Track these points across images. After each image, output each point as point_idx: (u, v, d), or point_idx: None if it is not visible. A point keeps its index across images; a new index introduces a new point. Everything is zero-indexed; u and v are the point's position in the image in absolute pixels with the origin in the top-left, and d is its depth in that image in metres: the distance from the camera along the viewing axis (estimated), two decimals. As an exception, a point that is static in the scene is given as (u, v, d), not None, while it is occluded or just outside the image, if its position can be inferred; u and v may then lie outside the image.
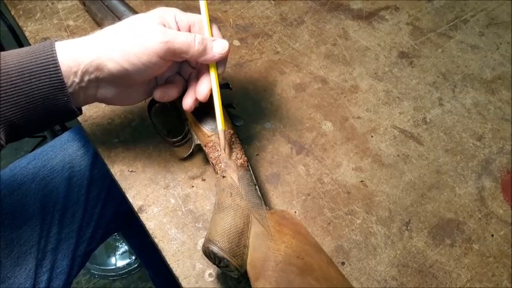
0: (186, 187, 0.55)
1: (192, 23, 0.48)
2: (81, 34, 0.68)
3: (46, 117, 0.44)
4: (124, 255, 1.38)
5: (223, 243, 0.43)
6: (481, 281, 0.50)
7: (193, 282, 0.48)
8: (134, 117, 0.60)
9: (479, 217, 0.55)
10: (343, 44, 0.72)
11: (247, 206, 0.46)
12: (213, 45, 0.47)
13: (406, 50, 0.72)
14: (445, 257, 0.52)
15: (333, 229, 0.53)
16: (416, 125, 0.63)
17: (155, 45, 0.43)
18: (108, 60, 0.43)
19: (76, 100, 0.45)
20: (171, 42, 0.44)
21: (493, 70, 0.70)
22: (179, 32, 0.45)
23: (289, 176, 0.57)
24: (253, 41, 0.71)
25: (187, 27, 0.48)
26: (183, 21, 0.48)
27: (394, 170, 0.58)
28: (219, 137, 0.49)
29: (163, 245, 0.50)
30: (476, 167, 0.59)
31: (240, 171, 0.49)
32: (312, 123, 0.62)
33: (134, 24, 0.45)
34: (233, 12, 0.75)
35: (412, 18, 0.76)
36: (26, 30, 0.69)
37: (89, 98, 0.47)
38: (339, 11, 0.76)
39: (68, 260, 0.65)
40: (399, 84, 0.67)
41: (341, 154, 0.59)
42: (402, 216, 0.54)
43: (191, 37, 0.45)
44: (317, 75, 0.67)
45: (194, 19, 0.48)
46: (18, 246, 0.60)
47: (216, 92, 0.49)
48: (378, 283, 0.50)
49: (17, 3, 0.72)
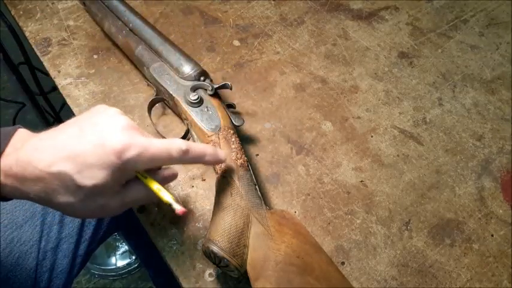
0: (186, 187, 0.55)
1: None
2: (81, 34, 0.69)
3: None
4: (124, 255, 1.37)
5: (223, 243, 0.43)
6: (480, 281, 0.50)
7: (193, 282, 0.48)
8: (135, 117, 0.61)
9: (479, 217, 0.55)
10: (343, 44, 0.72)
11: (247, 205, 0.46)
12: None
13: (406, 50, 0.72)
14: (445, 256, 0.52)
15: (332, 229, 0.53)
16: (416, 125, 0.63)
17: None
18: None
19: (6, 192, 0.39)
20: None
21: (492, 70, 0.70)
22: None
23: (289, 176, 0.57)
24: (253, 41, 0.71)
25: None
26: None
27: (394, 170, 0.58)
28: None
29: (163, 245, 0.50)
30: (476, 167, 0.59)
31: (240, 171, 0.49)
32: (312, 123, 0.62)
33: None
34: (233, 12, 0.75)
35: (412, 19, 0.76)
36: (26, 30, 0.69)
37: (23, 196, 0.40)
38: (339, 11, 0.76)
39: (68, 259, 0.65)
40: (399, 84, 0.67)
41: (341, 154, 0.59)
42: (402, 216, 0.55)
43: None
44: (317, 75, 0.67)
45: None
46: (19, 245, 0.60)
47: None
48: (377, 283, 0.50)
49: (17, 3, 0.72)
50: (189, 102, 0.54)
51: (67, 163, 0.37)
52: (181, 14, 0.74)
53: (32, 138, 0.39)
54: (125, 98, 0.62)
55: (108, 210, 0.41)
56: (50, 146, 0.38)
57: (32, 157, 0.37)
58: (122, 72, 0.65)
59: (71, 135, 0.39)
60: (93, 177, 0.37)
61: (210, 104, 0.54)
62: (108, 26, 0.64)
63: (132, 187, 0.41)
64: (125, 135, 0.38)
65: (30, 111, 1.06)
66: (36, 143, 0.38)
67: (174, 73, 0.57)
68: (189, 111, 0.54)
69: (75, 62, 0.66)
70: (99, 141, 0.38)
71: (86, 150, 0.37)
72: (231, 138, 0.51)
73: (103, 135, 0.38)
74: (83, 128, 0.39)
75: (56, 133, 0.39)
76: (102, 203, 0.39)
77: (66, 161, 0.37)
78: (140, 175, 0.42)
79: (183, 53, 0.58)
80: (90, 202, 0.39)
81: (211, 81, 0.57)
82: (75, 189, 0.37)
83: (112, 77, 0.65)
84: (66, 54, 0.66)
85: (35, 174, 0.37)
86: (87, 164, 0.37)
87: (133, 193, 0.41)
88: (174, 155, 0.41)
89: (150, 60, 0.59)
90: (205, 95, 0.55)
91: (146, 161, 0.39)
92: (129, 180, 0.41)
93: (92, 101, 0.62)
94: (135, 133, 0.40)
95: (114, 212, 0.42)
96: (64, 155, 0.37)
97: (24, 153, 0.37)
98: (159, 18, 0.73)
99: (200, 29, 0.72)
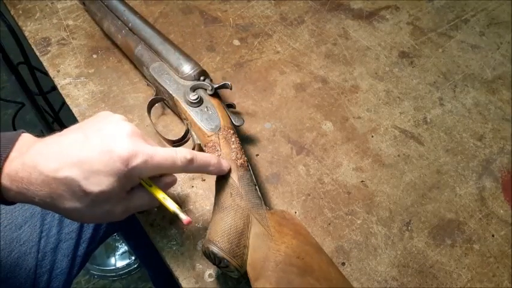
0: (186, 187, 0.55)
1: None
2: (81, 34, 0.68)
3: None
4: (124, 255, 1.37)
5: (223, 243, 0.43)
6: (481, 281, 0.50)
7: (193, 283, 0.48)
8: (134, 117, 0.60)
9: (479, 217, 0.55)
10: (344, 44, 0.72)
11: (247, 206, 0.46)
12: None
13: (406, 50, 0.71)
14: (445, 257, 0.52)
15: (333, 229, 0.53)
16: (416, 125, 0.63)
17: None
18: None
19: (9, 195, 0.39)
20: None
21: (493, 70, 0.70)
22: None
23: (289, 176, 0.57)
24: (253, 40, 0.71)
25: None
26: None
27: (394, 170, 0.58)
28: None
29: (163, 245, 0.50)
30: (476, 167, 0.59)
31: (240, 171, 0.48)
32: (312, 123, 0.62)
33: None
34: (233, 11, 0.75)
35: (412, 18, 0.76)
36: (25, 30, 0.68)
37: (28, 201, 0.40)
38: (339, 10, 0.76)
39: (68, 260, 0.65)
40: (400, 84, 0.67)
41: (341, 154, 0.59)
42: (403, 216, 0.54)
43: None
44: (317, 75, 0.67)
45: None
46: (18, 246, 0.60)
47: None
48: (378, 283, 0.49)
49: (16, 3, 0.72)
50: (189, 102, 0.54)
51: (74, 169, 0.37)
52: (181, 13, 0.74)
53: (37, 143, 0.39)
54: (125, 98, 0.62)
55: (112, 216, 0.41)
56: (56, 151, 0.38)
57: (38, 162, 0.37)
58: (121, 72, 0.65)
59: (76, 141, 0.39)
60: (100, 183, 0.37)
61: (209, 104, 0.54)
62: (108, 26, 0.63)
63: (136, 194, 0.42)
64: (131, 142, 0.39)
65: (29, 111, 1.06)
66: (41, 148, 0.38)
67: (173, 73, 0.57)
68: (188, 111, 0.53)
69: (75, 61, 0.65)
70: (106, 148, 0.38)
71: (92, 157, 0.38)
72: (231, 138, 0.51)
73: (109, 142, 0.38)
74: (88, 134, 0.39)
75: (61, 138, 0.40)
76: (108, 209, 0.40)
77: (72, 167, 0.37)
78: (145, 183, 0.42)
79: (182, 52, 0.58)
80: (96, 208, 0.39)
81: (211, 81, 0.57)
82: (81, 195, 0.38)
83: (111, 77, 0.64)
84: (66, 54, 0.66)
85: (41, 179, 0.37)
86: (93, 170, 0.37)
87: (137, 200, 0.42)
88: (178, 164, 0.41)
89: (149, 60, 0.58)
90: (205, 94, 0.55)
91: (152, 168, 0.40)
92: (133, 187, 0.42)
93: (92, 101, 0.61)
94: (140, 140, 0.40)
95: (117, 218, 0.42)
96: (70, 161, 0.37)
97: (30, 158, 0.38)
98: (158, 18, 0.72)
99: (200, 28, 0.72)
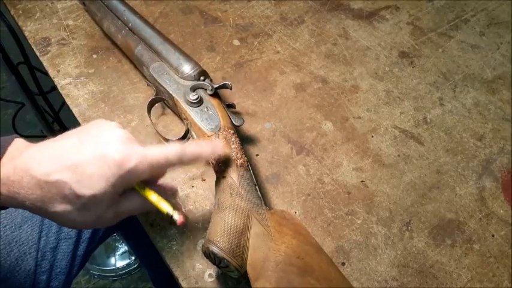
0: (186, 187, 0.55)
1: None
2: (81, 34, 0.68)
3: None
4: (124, 255, 1.37)
5: (223, 243, 0.43)
6: (481, 281, 0.50)
7: (193, 283, 0.48)
8: (134, 117, 0.60)
9: (479, 217, 0.55)
10: (344, 44, 0.72)
11: (247, 206, 0.46)
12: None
13: (406, 50, 0.71)
14: (445, 257, 0.52)
15: (333, 229, 0.53)
16: (416, 125, 0.63)
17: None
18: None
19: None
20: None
21: (493, 70, 0.70)
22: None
23: (289, 176, 0.57)
24: (253, 40, 0.71)
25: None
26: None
27: (394, 170, 0.58)
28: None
29: (163, 245, 0.50)
30: (476, 167, 0.59)
31: (240, 171, 0.48)
32: (312, 123, 0.62)
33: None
34: (233, 11, 0.74)
35: (412, 18, 0.76)
36: (25, 30, 0.68)
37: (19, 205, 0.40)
38: (339, 10, 0.76)
39: (68, 260, 0.65)
40: (400, 84, 0.67)
41: (341, 154, 0.59)
42: (403, 216, 0.54)
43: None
44: (317, 75, 0.67)
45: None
46: (18, 246, 0.60)
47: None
48: (378, 283, 0.49)
49: (16, 3, 0.72)
50: (189, 102, 0.53)
51: (66, 172, 0.37)
52: (181, 13, 0.74)
53: (30, 148, 0.39)
54: (125, 98, 0.62)
55: (103, 221, 0.41)
56: (49, 155, 0.38)
57: (30, 166, 0.37)
58: (121, 72, 0.65)
59: (71, 146, 0.39)
60: (92, 187, 0.38)
61: (209, 104, 0.54)
62: (108, 26, 0.63)
63: (127, 198, 0.42)
64: (124, 146, 0.39)
65: (29, 111, 1.06)
66: (34, 153, 0.39)
67: (173, 73, 0.57)
68: (188, 111, 0.53)
69: (75, 61, 0.65)
70: (100, 153, 0.38)
71: (86, 161, 0.38)
72: (231, 138, 0.51)
73: (103, 147, 0.39)
74: (83, 139, 0.40)
75: (54, 143, 0.40)
76: (98, 214, 0.40)
77: (65, 170, 0.37)
78: (138, 186, 0.42)
79: (182, 52, 0.58)
80: (87, 212, 0.39)
81: (211, 81, 0.57)
82: (72, 198, 0.38)
83: (111, 77, 0.64)
84: (66, 54, 0.66)
85: (33, 182, 0.37)
86: (87, 174, 0.37)
87: (127, 204, 0.42)
88: (171, 158, 0.42)
89: (149, 60, 0.58)
90: (205, 94, 0.55)
91: (146, 168, 0.40)
92: (125, 191, 0.42)
93: (92, 101, 0.61)
94: (134, 144, 0.41)
95: (108, 223, 0.42)
96: (63, 165, 0.37)
97: (22, 162, 0.38)
98: (158, 18, 0.72)
99: (200, 28, 0.72)
